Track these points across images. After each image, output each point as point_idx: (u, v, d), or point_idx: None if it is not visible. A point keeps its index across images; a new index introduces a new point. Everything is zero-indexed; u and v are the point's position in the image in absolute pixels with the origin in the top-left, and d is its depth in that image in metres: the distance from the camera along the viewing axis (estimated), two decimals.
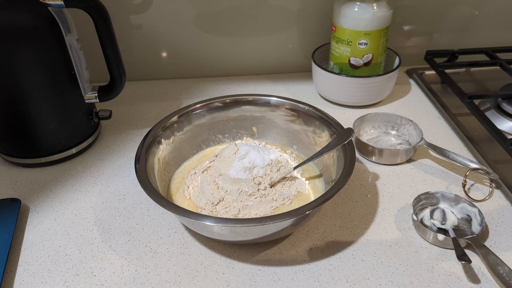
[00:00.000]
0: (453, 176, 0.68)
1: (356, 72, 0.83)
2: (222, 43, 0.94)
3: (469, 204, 0.59)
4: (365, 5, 0.77)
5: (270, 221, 0.48)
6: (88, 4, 0.64)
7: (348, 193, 0.65)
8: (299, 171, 0.66)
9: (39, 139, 0.69)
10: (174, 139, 0.67)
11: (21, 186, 0.68)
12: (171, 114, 0.67)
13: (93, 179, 0.69)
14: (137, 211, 0.62)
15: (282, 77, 0.97)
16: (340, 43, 0.82)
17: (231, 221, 0.50)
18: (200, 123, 0.70)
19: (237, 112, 0.71)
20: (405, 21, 0.95)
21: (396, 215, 0.61)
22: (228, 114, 0.71)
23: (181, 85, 0.95)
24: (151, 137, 0.63)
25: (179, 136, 0.68)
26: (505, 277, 0.50)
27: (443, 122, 0.81)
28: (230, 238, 0.53)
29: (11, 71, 0.63)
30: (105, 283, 0.52)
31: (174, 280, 0.52)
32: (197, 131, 0.70)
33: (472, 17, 0.97)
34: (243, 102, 0.71)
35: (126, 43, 0.90)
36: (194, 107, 0.69)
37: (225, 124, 0.72)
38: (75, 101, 0.71)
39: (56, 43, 0.65)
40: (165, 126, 0.65)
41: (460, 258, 0.51)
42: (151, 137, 0.63)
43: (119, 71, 0.71)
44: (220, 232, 0.52)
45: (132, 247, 0.57)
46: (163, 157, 0.64)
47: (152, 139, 0.63)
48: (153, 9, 0.88)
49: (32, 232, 0.60)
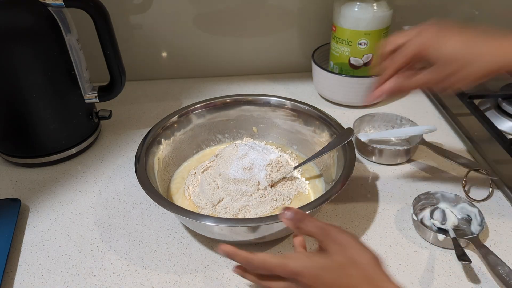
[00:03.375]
0: (453, 176, 0.68)
1: (356, 72, 0.83)
2: (222, 43, 0.94)
3: (469, 204, 0.59)
4: (365, 5, 0.77)
5: (270, 221, 0.48)
6: (88, 4, 0.64)
7: (348, 193, 0.64)
8: (299, 171, 0.66)
9: (39, 139, 0.69)
10: (174, 139, 0.67)
11: (21, 186, 0.68)
12: (171, 114, 0.67)
13: (93, 179, 0.69)
14: (137, 211, 0.62)
15: (282, 77, 0.97)
16: (340, 43, 0.82)
17: (231, 221, 0.50)
18: (200, 123, 0.70)
19: (237, 112, 0.71)
20: (405, 21, 0.95)
21: (396, 215, 0.61)
22: (228, 114, 0.71)
23: (181, 85, 0.95)
24: (151, 137, 0.63)
25: (179, 136, 0.68)
26: (505, 277, 0.50)
27: (443, 122, 0.81)
28: (230, 238, 0.53)
29: (11, 71, 0.63)
30: (105, 283, 0.52)
31: (174, 280, 0.52)
32: (197, 131, 0.70)
33: (472, 17, 0.97)
34: (243, 102, 0.71)
35: (126, 43, 0.90)
36: (194, 107, 0.69)
37: (225, 124, 0.72)
38: (75, 101, 0.71)
39: (56, 43, 0.65)
40: (165, 126, 0.65)
41: (460, 258, 0.51)
42: (151, 137, 0.63)
43: (119, 71, 0.71)
44: (220, 232, 0.52)
45: (132, 247, 0.57)
46: (163, 157, 0.64)
47: (152, 139, 0.63)
48: (153, 9, 0.88)
49: (32, 232, 0.60)
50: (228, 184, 0.60)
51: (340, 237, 0.40)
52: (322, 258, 0.39)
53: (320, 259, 0.39)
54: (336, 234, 0.40)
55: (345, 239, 0.40)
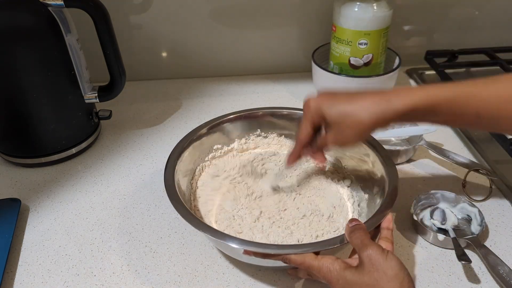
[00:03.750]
0: (453, 176, 0.68)
1: (356, 72, 0.83)
2: (222, 43, 0.94)
3: (469, 204, 0.59)
4: (365, 5, 0.77)
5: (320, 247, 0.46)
6: (88, 4, 0.64)
7: None
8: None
9: (39, 139, 0.69)
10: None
11: (21, 186, 0.68)
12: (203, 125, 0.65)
13: (93, 179, 0.69)
14: (137, 211, 0.62)
15: (282, 77, 0.97)
16: (340, 43, 0.82)
17: (270, 247, 0.47)
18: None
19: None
20: (405, 21, 0.95)
21: (396, 215, 0.61)
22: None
23: (181, 85, 0.95)
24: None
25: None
26: (505, 277, 0.50)
27: None
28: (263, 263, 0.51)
29: (11, 71, 0.63)
30: (105, 283, 0.52)
31: (174, 280, 0.52)
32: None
33: (472, 17, 0.97)
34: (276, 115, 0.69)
35: (126, 43, 0.90)
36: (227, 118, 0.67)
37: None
38: (75, 101, 0.71)
39: (56, 43, 0.65)
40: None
41: (460, 258, 0.51)
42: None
43: (119, 71, 0.71)
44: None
45: (132, 247, 0.57)
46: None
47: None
48: (153, 9, 0.88)
49: (32, 232, 0.60)
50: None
51: (376, 257, 0.42)
52: (354, 274, 0.42)
53: (351, 275, 0.42)
54: (373, 254, 0.42)
55: (378, 261, 0.41)
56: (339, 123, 0.48)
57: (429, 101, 0.45)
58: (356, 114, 0.46)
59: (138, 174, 0.69)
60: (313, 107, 0.50)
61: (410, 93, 0.46)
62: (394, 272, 0.41)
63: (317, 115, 0.49)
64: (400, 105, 0.45)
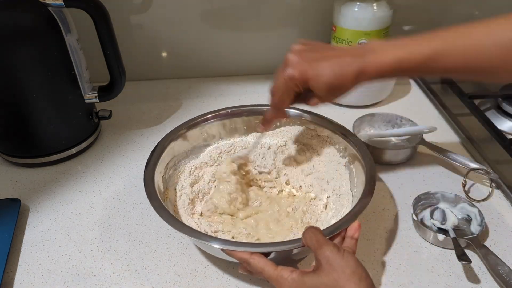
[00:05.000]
0: (453, 176, 0.68)
1: None
2: (222, 43, 0.94)
3: (469, 204, 0.59)
4: (365, 5, 0.77)
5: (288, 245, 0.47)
6: (88, 4, 0.64)
7: None
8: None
9: (39, 139, 0.69)
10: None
11: (21, 186, 0.68)
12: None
13: (93, 179, 0.69)
14: (137, 211, 0.62)
15: None
16: (340, 43, 0.82)
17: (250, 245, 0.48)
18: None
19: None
20: (405, 21, 0.95)
21: (396, 215, 0.61)
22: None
23: (181, 85, 0.95)
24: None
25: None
26: (505, 277, 0.50)
27: (443, 122, 0.81)
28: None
29: (11, 71, 0.63)
30: (105, 283, 0.52)
31: (174, 280, 0.52)
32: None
33: (472, 17, 0.96)
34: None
35: (126, 43, 0.90)
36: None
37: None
38: (75, 101, 0.71)
39: (56, 43, 0.65)
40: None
41: (460, 258, 0.51)
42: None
43: (119, 71, 0.71)
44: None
45: (132, 247, 0.57)
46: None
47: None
48: (153, 9, 0.88)
49: (32, 232, 0.60)
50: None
51: (333, 257, 0.42)
52: (313, 278, 0.42)
53: (310, 279, 0.42)
54: (330, 254, 0.42)
55: (335, 261, 0.41)
56: (327, 97, 0.51)
57: (403, 63, 0.50)
58: (339, 79, 0.49)
59: (138, 174, 0.69)
60: (299, 78, 0.51)
61: (385, 54, 0.51)
62: (352, 269, 0.41)
63: (302, 86, 0.51)
64: (378, 62, 0.49)
